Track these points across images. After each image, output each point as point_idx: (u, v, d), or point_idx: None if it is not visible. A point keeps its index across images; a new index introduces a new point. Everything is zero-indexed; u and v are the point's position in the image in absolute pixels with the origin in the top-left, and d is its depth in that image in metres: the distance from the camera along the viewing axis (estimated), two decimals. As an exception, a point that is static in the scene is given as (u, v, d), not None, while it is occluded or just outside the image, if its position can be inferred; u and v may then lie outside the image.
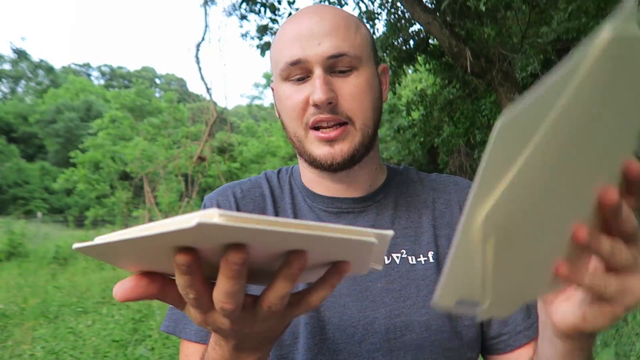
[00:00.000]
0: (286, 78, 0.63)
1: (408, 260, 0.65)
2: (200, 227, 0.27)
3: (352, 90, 0.62)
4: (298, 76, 0.62)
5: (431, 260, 0.65)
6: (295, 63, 0.61)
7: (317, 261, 0.37)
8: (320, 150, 0.63)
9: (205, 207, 0.73)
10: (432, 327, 0.62)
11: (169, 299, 0.38)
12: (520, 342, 0.64)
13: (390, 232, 0.35)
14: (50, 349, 3.86)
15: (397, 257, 0.66)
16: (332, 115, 0.61)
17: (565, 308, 0.40)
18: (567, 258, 0.33)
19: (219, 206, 0.72)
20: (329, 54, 0.60)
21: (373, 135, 0.66)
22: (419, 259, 0.66)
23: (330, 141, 0.62)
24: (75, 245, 0.33)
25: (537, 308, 0.56)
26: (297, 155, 0.70)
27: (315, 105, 0.60)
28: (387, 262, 0.65)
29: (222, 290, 0.34)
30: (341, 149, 0.62)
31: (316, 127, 0.62)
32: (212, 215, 0.27)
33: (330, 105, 0.60)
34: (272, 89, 0.72)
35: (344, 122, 0.62)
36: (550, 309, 0.42)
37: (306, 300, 0.39)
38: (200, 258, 0.33)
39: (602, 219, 0.32)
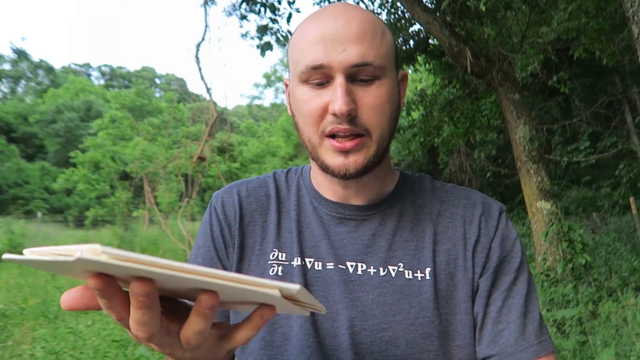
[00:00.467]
0: (305, 81, 0.61)
1: (404, 274, 0.64)
2: (80, 261, 0.27)
3: (372, 102, 0.60)
4: (318, 81, 0.60)
5: (427, 277, 0.63)
6: (317, 68, 0.59)
7: (239, 300, 0.37)
8: (333, 160, 0.61)
9: (211, 204, 0.73)
10: (418, 345, 0.61)
11: (114, 313, 0.38)
12: None
13: (295, 287, 0.34)
14: (50, 349, 3.86)
15: (394, 269, 0.64)
16: (350, 127, 0.59)
17: None
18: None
19: (223, 204, 0.72)
20: (354, 62, 0.58)
21: (387, 147, 0.64)
22: (415, 274, 0.64)
23: (345, 152, 0.60)
24: (6, 256, 0.34)
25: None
26: (310, 158, 0.69)
27: (334, 115, 0.58)
28: (382, 273, 0.64)
29: (133, 319, 0.35)
30: (355, 161, 0.60)
31: (332, 135, 0.61)
32: (97, 252, 0.28)
33: (350, 116, 0.58)
34: (286, 85, 0.71)
35: (360, 134, 0.60)
36: None
37: (233, 337, 0.40)
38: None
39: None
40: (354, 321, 0.62)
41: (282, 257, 0.67)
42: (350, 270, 0.65)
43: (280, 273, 0.65)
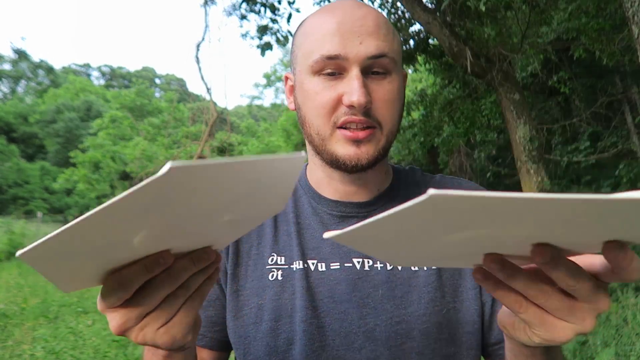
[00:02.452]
0: (318, 72, 0.60)
1: (410, 267, 0.64)
2: (173, 171, 0.26)
3: (385, 96, 0.60)
4: (330, 70, 0.60)
5: (432, 267, 0.64)
6: (333, 58, 0.59)
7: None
8: (345, 150, 0.61)
9: None
10: (432, 335, 0.61)
11: None
12: None
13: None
14: (51, 349, 3.86)
15: None
16: (364, 118, 0.59)
17: (505, 308, 0.42)
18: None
19: None
20: (371, 54, 0.58)
21: (393, 141, 0.65)
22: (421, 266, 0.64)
23: (357, 142, 0.60)
24: (20, 252, 0.31)
25: None
26: (310, 154, 0.68)
27: (350, 107, 0.58)
28: (389, 267, 0.64)
29: None
30: (367, 151, 0.61)
31: (343, 127, 0.60)
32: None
33: (366, 108, 0.59)
34: (286, 78, 0.70)
35: (372, 126, 0.60)
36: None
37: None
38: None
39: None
40: (367, 318, 0.61)
41: (281, 261, 0.66)
42: (358, 267, 0.64)
43: (280, 277, 0.64)
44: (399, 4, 5.68)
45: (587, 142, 9.90)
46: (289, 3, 5.70)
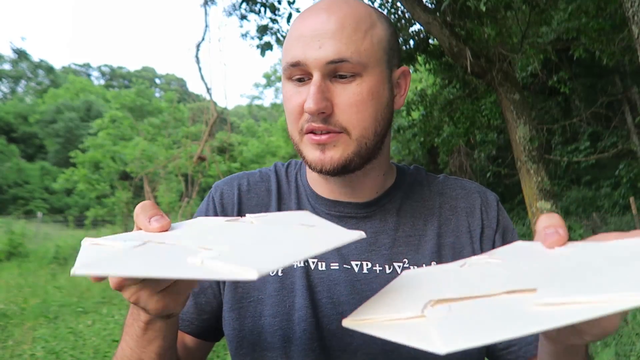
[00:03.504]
0: (288, 77, 0.61)
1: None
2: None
3: (350, 100, 0.58)
4: (298, 76, 0.60)
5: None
6: (295, 65, 0.59)
7: None
8: (312, 155, 0.60)
9: (210, 194, 0.73)
10: None
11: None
12: (530, 353, 0.62)
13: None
14: (51, 349, 3.86)
15: (399, 266, 0.63)
16: (324, 125, 0.58)
17: None
18: None
19: (222, 196, 0.71)
20: (329, 59, 0.56)
21: (374, 146, 0.62)
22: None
23: (321, 145, 0.59)
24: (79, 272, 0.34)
25: None
26: None
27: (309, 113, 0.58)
28: (388, 271, 0.63)
29: None
30: (331, 157, 0.59)
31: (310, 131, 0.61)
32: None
33: (323, 114, 0.57)
34: None
35: (337, 132, 0.59)
36: None
37: None
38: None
39: None
40: None
41: None
42: (356, 269, 0.64)
43: (280, 273, 0.64)
44: (399, 4, 5.67)
45: (587, 142, 9.88)
46: (289, 3, 5.69)
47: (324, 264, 0.64)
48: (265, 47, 5.88)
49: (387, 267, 0.64)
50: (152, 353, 0.52)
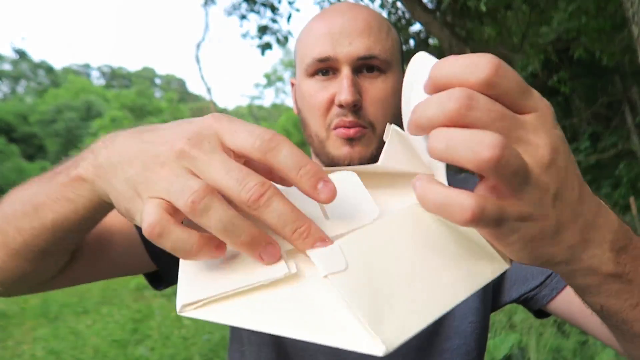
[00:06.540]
0: (312, 74, 0.62)
1: None
2: None
3: (378, 94, 0.60)
4: (324, 71, 0.61)
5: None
6: (324, 60, 0.60)
7: None
8: (339, 151, 0.61)
9: None
10: (432, 332, 0.62)
11: None
12: (561, 283, 0.60)
13: None
14: (51, 349, 3.86)
15: None
16: (354, 119, 0.59)
17: None
18: None
19: None
20: (360, 54, 0.59)
21: None
22: None
23: (350, 140, 0.60)
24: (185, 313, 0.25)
25: None
26: (312, 156, 0.68)
27: (340, 106, 0.59)
28: None
29: None
30: (360, 152, 0.60)
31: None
32: None
33: (356, 107, 0.59)
34: (292, 84, 0.71)
35: (363, 126, 0.60)
36: None
37: None
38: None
39: None
40: None
41: None
42: None
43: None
44: (399, 4, 5.68)
45: (587, 142, 9.90)
46: (289, 3, 5.70)
47: None
48: (265, 47, 5.89)
49: None
50: (52, 213, 0.38)
